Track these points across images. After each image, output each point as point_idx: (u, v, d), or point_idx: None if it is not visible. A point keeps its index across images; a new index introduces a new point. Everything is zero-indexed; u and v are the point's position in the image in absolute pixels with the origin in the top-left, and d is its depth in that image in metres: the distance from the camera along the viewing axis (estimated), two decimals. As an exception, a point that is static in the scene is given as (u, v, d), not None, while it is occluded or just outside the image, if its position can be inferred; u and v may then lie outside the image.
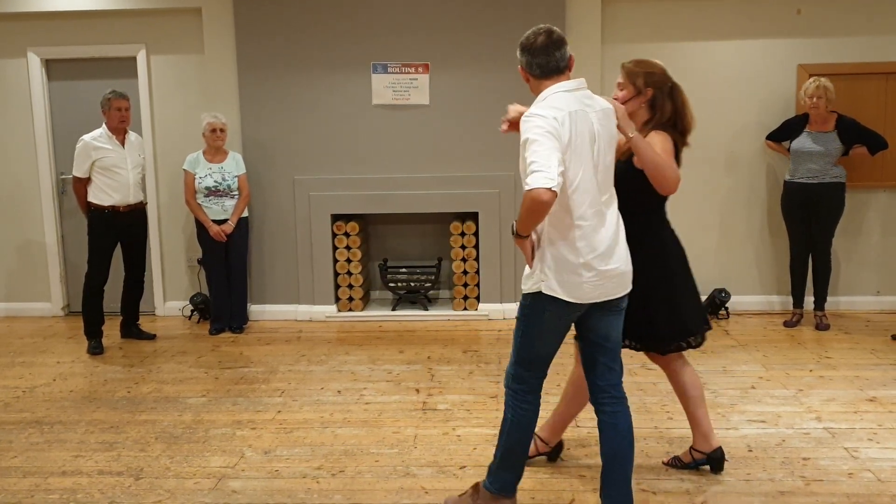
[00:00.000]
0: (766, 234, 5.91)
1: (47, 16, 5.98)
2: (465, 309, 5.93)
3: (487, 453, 3.42)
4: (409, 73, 5.70)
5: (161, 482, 3.28)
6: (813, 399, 4.06)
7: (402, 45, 5.68)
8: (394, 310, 6.00)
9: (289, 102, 5.81)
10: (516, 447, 2.80)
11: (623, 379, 2.81)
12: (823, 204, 5.29)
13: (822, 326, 5.39)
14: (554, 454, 3.37)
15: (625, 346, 2.98)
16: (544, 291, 2.56)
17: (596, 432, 3.65)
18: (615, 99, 2.93)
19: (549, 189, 2.32)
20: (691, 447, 3.24)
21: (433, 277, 5.99)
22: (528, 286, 2.63)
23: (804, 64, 5.66)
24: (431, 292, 6.15)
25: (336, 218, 5.91)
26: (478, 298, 5.90)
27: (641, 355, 4.88)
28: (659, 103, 3.04)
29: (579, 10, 5.68)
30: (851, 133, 5.25)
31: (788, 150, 5.41)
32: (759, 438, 3.58)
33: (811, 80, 5.25)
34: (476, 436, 3.68)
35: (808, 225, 5.37)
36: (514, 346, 2.74)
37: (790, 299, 5.63)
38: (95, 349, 5.20)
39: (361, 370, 4.71)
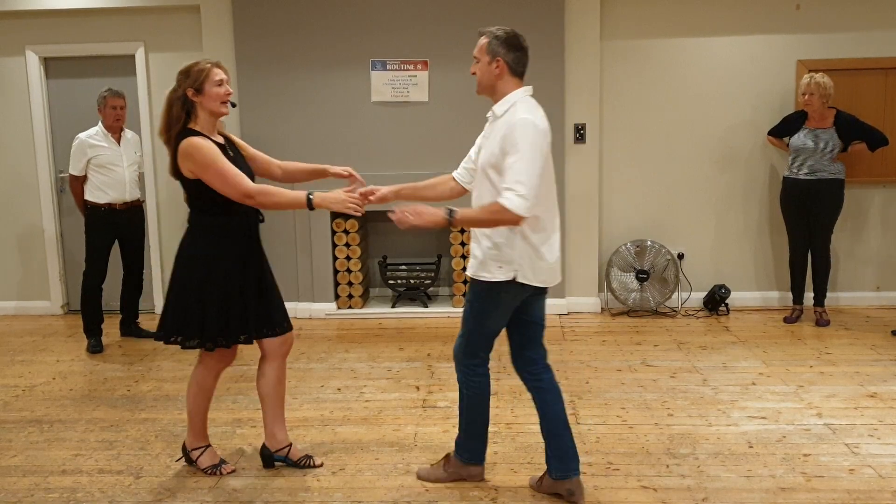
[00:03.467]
0: (766, 229, 5.91)
1: (46, 14, 5.97)
2: (465, 306, 5.92)
3: (487, 450, 3.42)
4: (408, 70, 5.69)
5: (161, 481, 3.28)
6: (813, 395, 4.06)
7: (401, 42, 5.67)
8: (393, 307, 5.99)
9: (288, 100, 5.80)
10: (478, 418, 3.09)
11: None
12: (822, 200, 5.28)
13: (822, 322, 5.39)
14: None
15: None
16: (508, 278, 2.83)
17: (597, 429, 3.66)
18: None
19: (524, 217, 2.68)
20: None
21: (433, 274, 5.98)
22: (485, 274, 2.87)
23: (803, 59, 5.66)
24: (431, 289, 6.15)
25: (335, 215, 5.90)
26: (477, 295, 5.89)
27: (643, 353, 4.89)
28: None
29: (578, 7, 5.67)
30: (850, 129, 5.24)
31: (788, 145, 5.41)
32: (760, 434, 3.58)
33: (805, 76, 5.25)
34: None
35: (807, 221, 5.37)
36: (467, 326, 2.99)
37: (790, 295, 5.63)
38: (95, 347, 5.19)
39: (361, 368, 4.71)
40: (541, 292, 2.99)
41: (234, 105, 3.18)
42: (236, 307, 3.12)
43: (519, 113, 2.77)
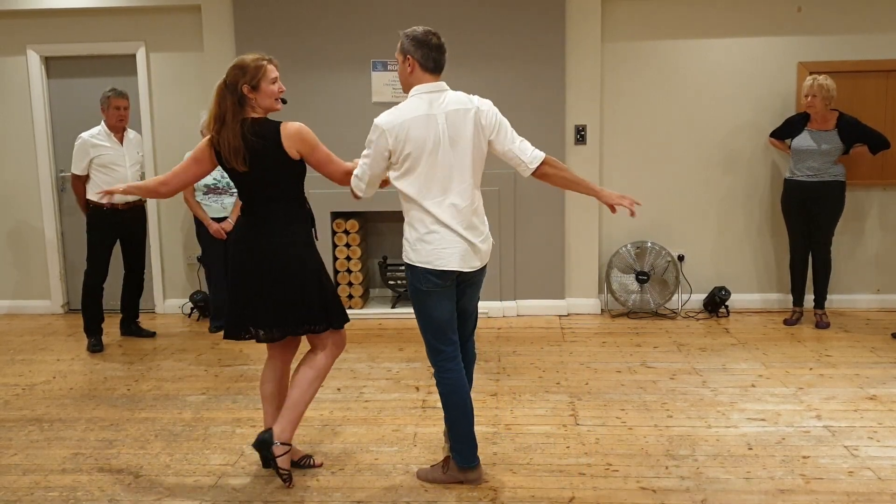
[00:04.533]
0: (766, 232, 5.91)
1: (47, 13, 5.98)
2: (465, 307, 5.92)
3: (486, 451, 3.43)
4: (408, 70, 5.69)
5: (161, 480, 3.28)
6: (813, 397, 4.06)
7: (402, 43, 5.66)
8: (393, 307, 5.99)
9: (288, 100, 5.78)
10: (459, 417, 3.07)
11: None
12: (823, 202, 5.28)
13: (821, 324, 5.39)
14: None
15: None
16: (413, 263, 3.02)
17: (596, 430, 3.67)
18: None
19: (357, 196, 3.09)
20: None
21: (433, 275, 5.98)
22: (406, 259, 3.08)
23: (804, 62, 5.66)
24: (431, 290, 6.14)
25: (336, 216, 5.91)
26: (477, 296, 5.89)
27: (643, 355, 4.89)
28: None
29: (579, 8, 5.67)
30: (852, 132, 5.24)
31: (790, 147, 5.41)
32: (759, 436, 3.58)
33: (808, 78, 5.25)
34: (475, 434, 3.67)
35: (808, 223, 5.37)
36: (419, 324, 3.09)
37: (790, 297, 5.63)
38: (95, 347, 5.19)
39: (361, 368, 4.71)
40: (466, 282, 3.10)
41: (285, 102, 3.22)
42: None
43: (382, 113, 3.03)
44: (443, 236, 2.96)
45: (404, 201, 3.02)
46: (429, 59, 3.01)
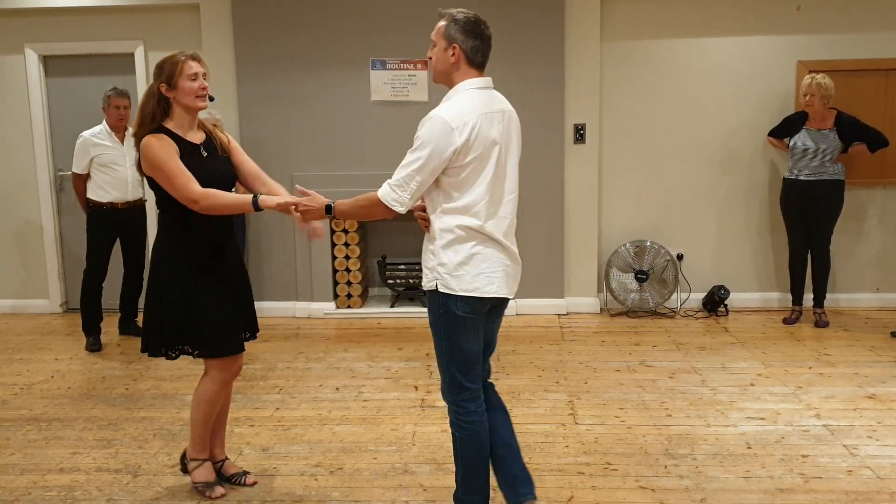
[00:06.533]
0: (766, 231, 5.90)
1: (45, 12, 5.96)
2: (464, 306, 5.91)
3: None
4: (407, 69, 5.68)
5: (159, 479, 3.28)
6: (812, 396, 4.06)
7: (401, 42, 5.67)
8: (392, 306, 5.99)
9: (287, 99, 5.79)
10: (477, 465, 2.69)
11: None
12: (822, 201, 5.28)
13: (821, 323, 5.38)
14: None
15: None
16: (455, 293, 2.57)
17: (595, 429, 3.66)
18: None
19: (395, 212, 2.54)
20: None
21: (432, 274, 5.97)
22: (425, 283, 2.67)
23: (803, 60, 5.66)
24: (430, 289, 6.13)
25: (335, 215, 5.89)
26: (476, 295, 5.89)
27: (642, 354, 4.89)
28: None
29: (578, 7, 5.66)
30: (851, 130, 5.24)
31: (789, 146, 5.41)
32: (758, 435, 3.58)
33: (807, 77, 5.25)
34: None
35: (807, 222, 5.37)
36: (440, 354, 2.66)
37: (789, 296, 5.62)
38: (93, 346, 5.19)
39: (360, 367, 4.70)
40: (498, 309, 2.75)
41: (212, 99, 3.01)
42: (221, 312, 2.99)
43: (437, 108, 2.59)
44: (487, 256, 2.56)
45: (445, 216, 2.56)
46: (478, 52, 2.64)
